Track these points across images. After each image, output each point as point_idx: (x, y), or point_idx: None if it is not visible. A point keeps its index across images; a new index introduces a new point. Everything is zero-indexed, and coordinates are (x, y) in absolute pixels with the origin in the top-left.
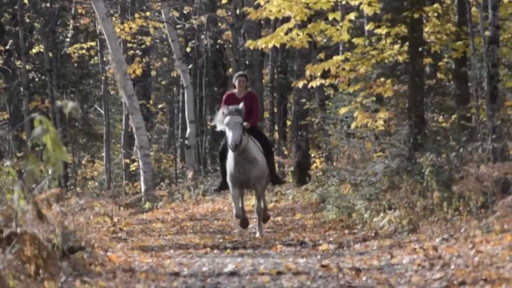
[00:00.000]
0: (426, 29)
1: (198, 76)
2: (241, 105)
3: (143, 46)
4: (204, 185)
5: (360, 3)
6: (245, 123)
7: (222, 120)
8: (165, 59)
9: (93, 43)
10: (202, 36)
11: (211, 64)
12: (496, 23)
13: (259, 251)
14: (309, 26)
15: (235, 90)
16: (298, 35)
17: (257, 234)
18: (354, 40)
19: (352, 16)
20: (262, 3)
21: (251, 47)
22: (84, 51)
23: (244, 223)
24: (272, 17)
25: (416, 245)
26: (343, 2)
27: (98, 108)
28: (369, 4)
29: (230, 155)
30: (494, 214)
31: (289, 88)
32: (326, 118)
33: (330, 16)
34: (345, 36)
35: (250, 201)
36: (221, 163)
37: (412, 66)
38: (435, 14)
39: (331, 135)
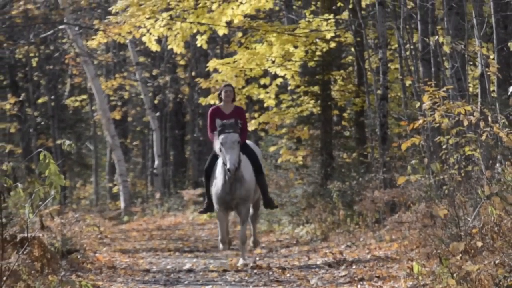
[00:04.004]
0: (334, 89)
1: (163, 121)
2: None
3: (122, 99)
4: (168, 203)
5: (285, 74)
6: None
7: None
8: (138, 108)
9: (84, 96)
10: (167, 92)
11: (173, 112)
12: (385, 85)
13: (209, 253)
14: (246, 88)
15: (221, 104)
16: (238, 95)
17: (239, 263)
18: (280, 96)
19: (278, 82)
20: (211, 70)
21: (203, 103)
22: (78, 102)
23: (227, 246)
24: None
25: (326, 250)
26: (273, 73)
27: (89, 145)
28: (292, 77)
29: (219, 174)
30: (384, 227)
31: None
32: None
33: (262, 81)
34: (273, 101)
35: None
36: (206, 182)
37: (323, 116)
38: (340, 77)
39: (263, 167)
